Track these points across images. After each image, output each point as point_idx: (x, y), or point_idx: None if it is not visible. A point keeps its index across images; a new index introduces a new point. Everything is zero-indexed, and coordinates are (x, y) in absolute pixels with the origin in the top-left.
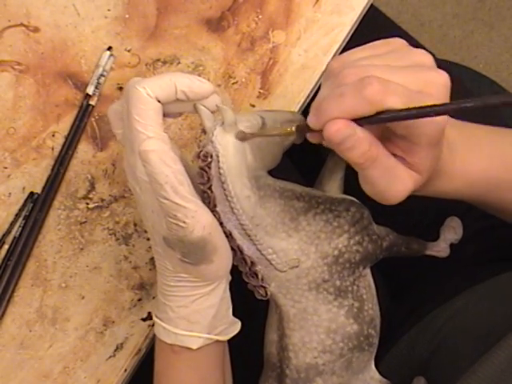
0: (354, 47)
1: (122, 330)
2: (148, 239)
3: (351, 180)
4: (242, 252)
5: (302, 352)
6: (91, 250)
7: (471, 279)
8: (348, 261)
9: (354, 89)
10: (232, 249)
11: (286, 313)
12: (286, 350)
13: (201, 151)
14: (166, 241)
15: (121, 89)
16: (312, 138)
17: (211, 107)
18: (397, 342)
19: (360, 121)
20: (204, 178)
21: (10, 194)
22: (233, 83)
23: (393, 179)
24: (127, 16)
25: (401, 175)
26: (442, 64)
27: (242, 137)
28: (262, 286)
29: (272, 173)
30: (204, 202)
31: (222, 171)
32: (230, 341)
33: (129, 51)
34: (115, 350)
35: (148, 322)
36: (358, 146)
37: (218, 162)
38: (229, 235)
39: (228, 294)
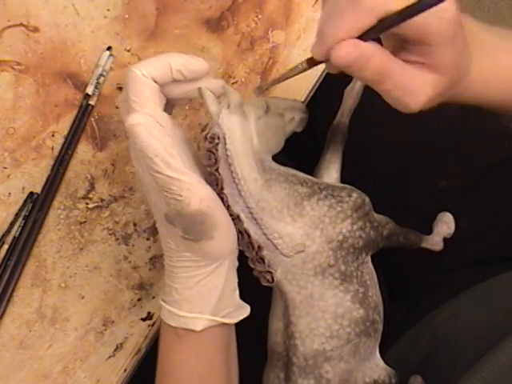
0: None
1: (122, 329)
2: (148, 239)
3: (344, 174)
4: (249, 236)
5: (309, 339)
6: (91, 250)
7: (471, 279)
8: (352, 246)
9: (350, 2)
10: (240, 232)
11: (291, 300)
12: (293, 337)
13: (207, 133)
14: (166, 217)
15: (120, 89)
16: (328, 69)
17: (216, 91)
18: (396, 341)
19: (366, 35)
20: (211, 159)
21: (9, 193)
22: (232, 83)
23: (410, 89)
24: (127, 16)
25: (418, 83)
26: None
27: (260, 89)
28: (268, 272)
29: None
30: (211, 184)
31: (229, 153)
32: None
33: (128, 51)
34: (115, 350)
35: (148, 322)
36: (369, 63)
37: (225, 143)
38: (236, 218)
39: (234, 276)
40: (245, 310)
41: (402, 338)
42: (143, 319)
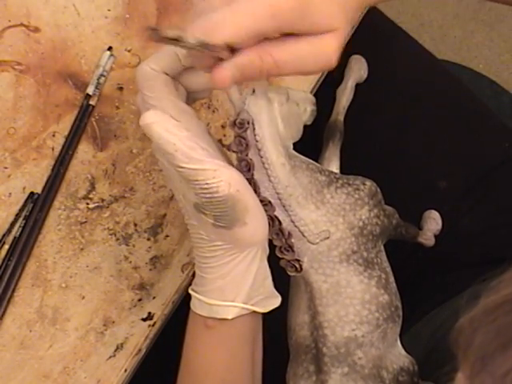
0: (353, 47)
1: (122, 330)
2: (148, 239)
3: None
4: (279, 222)
5: (338, 327)
6: (91, 250)
7: (471, 279)
8: (371, 233)
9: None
10: (270, 219)
11: (317, 289)
12: (321, 328)
13: (236, 119)
14: (197, 207)
15: (121, 89)
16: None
17: None
18: None
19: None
20: (242, 145)
21: (10, 194)
22: None
23: (311, 57)
24: (127, 16)
25: (317, 45)
26: (441, 64)
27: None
28: (296, 260)
29: None
30: (241, 171)
31: (258, 138)
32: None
33: (129, 51)
34: (115, 350)
35: (148, 322)
36: (249, 69)
37: (254, 129)
38: (267, 204)
39: (265, 263)
40: (276, 300)
41: (402, 338)
42: (144, 319)
